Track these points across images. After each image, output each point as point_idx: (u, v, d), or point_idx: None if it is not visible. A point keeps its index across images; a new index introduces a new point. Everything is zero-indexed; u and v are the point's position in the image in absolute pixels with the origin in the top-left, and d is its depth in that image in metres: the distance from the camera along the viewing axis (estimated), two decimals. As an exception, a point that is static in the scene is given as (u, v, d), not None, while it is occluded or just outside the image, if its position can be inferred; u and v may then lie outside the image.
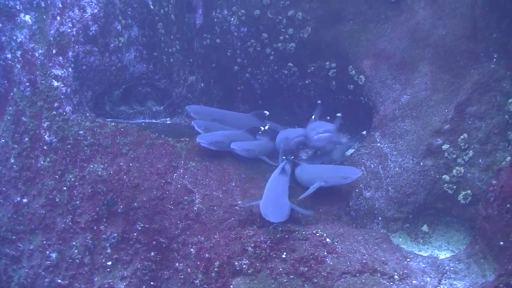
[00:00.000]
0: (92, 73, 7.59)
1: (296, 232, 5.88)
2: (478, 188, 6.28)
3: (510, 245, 5.00)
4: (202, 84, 8.87)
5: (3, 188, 7.18)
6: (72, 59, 7.27)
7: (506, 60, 6.42)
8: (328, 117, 7.94)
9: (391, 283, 5.47)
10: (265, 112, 7.95)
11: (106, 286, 6.45)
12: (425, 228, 6.61)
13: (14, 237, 7.01)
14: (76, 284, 6.56)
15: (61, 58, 7.21)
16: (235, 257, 5.77)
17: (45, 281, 6.69)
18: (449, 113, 6.55)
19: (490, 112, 6.45)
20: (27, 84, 7.22)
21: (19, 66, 7.27)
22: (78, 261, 6.60)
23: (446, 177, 6.46)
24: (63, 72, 7.21)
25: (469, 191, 6.38)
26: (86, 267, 6.58)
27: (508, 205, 5.22)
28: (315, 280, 5.47)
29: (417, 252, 6.28)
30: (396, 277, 5.54)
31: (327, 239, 5.78)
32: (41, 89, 7.17)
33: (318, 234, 5.84)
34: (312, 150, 8.05)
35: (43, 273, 6.72)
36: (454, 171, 6.43)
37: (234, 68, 8.84)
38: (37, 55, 7.23)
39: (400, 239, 6.55)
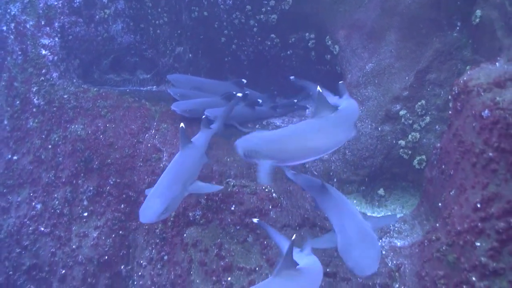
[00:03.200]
0: (78, 42, 8.81)
1: (247, 187, 6.82)
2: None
3: (442, 205, 5.77)
4: (190, 55, 9.88)
5: (-3, 147, 8.50)
6: (59, 30, 8.53)
7: (469, 29, 7.08)
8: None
9: (327, 237, 6.35)
10: (243, 80, 8.85)
11: (82, 234, 7.62)
12: (381, 191, 7.41)
13: (4, 190, 8.32)
14: (56, 232, 7.77)
15: (48, 28, 8.47)
16: (190, 209, 6.79)
17: (30, 229, 7.95)
18: (409, 80, 7.29)
19: (450, 79, 7.13)
20: (19, 53, 8.51)
21: (13, 37, 8.59)
22: (58, 211, 7.81)
23: (402, 142, 7.23)
24: (50, 41, 8.46)
25: (423, 157, 7.12)
26: (66, 217, 7.78)
27: (443, 166, 6.02)
28: (258, 231, 6.42)
29: (368, 214, 7.11)
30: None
31: (274, 194, 6.70)
32: (31, 57, 8.44)
33: (266, 190, 6.76)
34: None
35: (28, 222, 7.99)
36: (410, 136, 7.19)
37: (221, 39, 9.80)
38: (28, 26, 8.51)
39: (355, 201, 7.37)
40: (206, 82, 9.06)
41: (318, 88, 5.51)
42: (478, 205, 4.87)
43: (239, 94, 8.13)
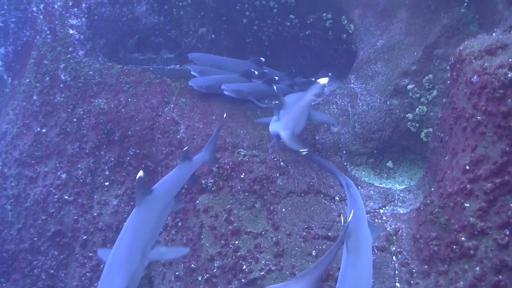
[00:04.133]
0: (104, 22, 9.41)
1: (257, 157, 7.24)
2: (439, 126, 7.28)
3: (438, 171, 6.07)
4: (212, 36, 10.33)
5: (27, 121, 9.16)
6: (85, 10, 9.14)
7: (477, 4, 7.33)
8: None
9: (331, 203, 6.74)
10: (261, 58, 9.25)
11: (103, 202, 8.19)
12: (389, 164, 7.72)
13: (33, 161, 8.97)
14: (79, 200, 8.36)
15: (76, 9, 9.07)
16: (202, 176, 7.24)
17: (55, 197, 8.57)
18: (417, 55, 7.57)
19: (458, 54, 7.37)
20: (48, 32, 9.15)
21: (42, 17, 9.24)
22: (82, 181, 8.40)
23: (409, 115, 7.52)
24: (77, 21, 9.08)
25: (431, 129, 7.39)
26: (88, 186, 8.36)
27: (441, 134, 6.31)
28: (265, 197, 6.83)
29: (376, 184, 7.43)
30: (337, 198, 6.80)
31: (282, 163, 7.09)
32: (60, 36, 9.07)
33: (275, 159, 7.16)
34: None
35: (53, 190, 8.61)
36: (417, 109, 7.47)
37: (243, 21, 10.22)
38: (56, 7, 9.16)
39: (363, 173, 7.70)
40: (226, 60, 9.50)
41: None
42: (467, 167, 5.16)
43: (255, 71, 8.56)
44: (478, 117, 5.11)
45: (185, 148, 6.54)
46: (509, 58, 4.97)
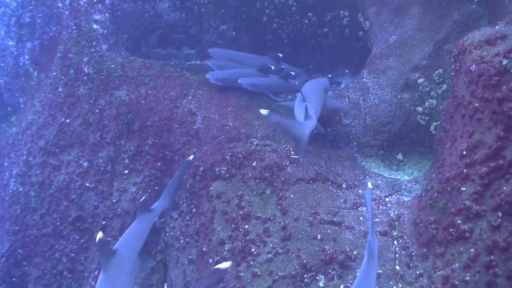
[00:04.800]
0: (127, 18, 9.95)
1: (268, 146, 7.62)
2: (448, 119, 7.55)
3: (440, 160, 6.35)
4: (233, 33, 10.77)
5: (52, 112, 9.73)
6: (109, 6, 9.66)
7: (487, 0, 7.60)
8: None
9: (338, 190, 7.07)
10: (279, 54, 9.66)
11: (122, 189, 8.67)
12: (399, 156, 8.00)
13: (57, 150, 9.53)
14: (100, 187, 8.87)
15: (100, 5, 9.62)
16: (216, 164, 7.65)
17: (77, 184, 9.10)
18: (428, 50, 7.87)
19: (468, 49, 7.65)
20: (74, 27, 9.73)
21: (67, 13, 9.82)
22: (102, 169, 8.91)
23: (419, 108, 7.80)
24: (101, 16, 9.63)
25: (439, 123, 7.66)
26: (108, 174, 8.86)
27: (446, 124, 6.60)
28: (275, 184, 7.19)
29: (384, 175, 7.73)
30: (344, 186, 7.13)
31: (292, 152, 7.45)
32: (84, 31, 9.64)
33: (286, 149, 7.53)
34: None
35: (75, 178, 9.15)
36: (427, 103, 7.76)
37: (263, 18, 10.63)
38: (81, 3, 9.75)
39: (373, 164, 8.00)
40: (244, 56, 9.91)
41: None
42: (464, 153, 5.45)
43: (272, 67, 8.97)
44: (475, 104, 5.40)
45: (142, 199, 6.76)
46: (506, 47, 5.24)
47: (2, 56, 11.90)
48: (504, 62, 5.08)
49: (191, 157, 7.48)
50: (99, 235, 5.16)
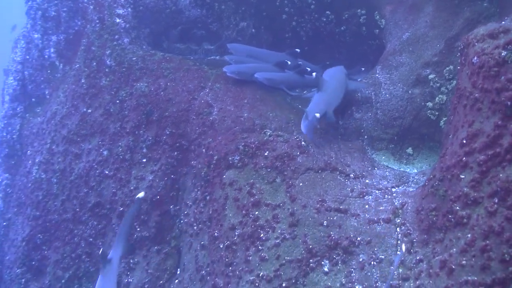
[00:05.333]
0: (148, 13, 10.45)
1: (281, 137, 7.99)
2: (458, 115, 7.81)
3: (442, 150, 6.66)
4: (253, 30, 11.17)
5: (75, 102, 10.26)
6: (131, 1, 10.17)
7: (498, -2, 7.90)
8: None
9: (345, 180, 7.42)
10: (297, 50, 10.05)
11: (139, 177, 9.13)
12: (409, 150, 8.30)
13: (78, 139, 10.05)
14: (118, 175, 9.35)
15: (123, 0, 10.10)
16: (230, 154, 8.05)
17: (96, 172, 9.59)
18: (440, 47, 8.16)
19: (478, 46, 7.93)
20: (97, 21, 10.26)
21: (92, 7, 10.36)
22: (121, 157, 9.39)
23: (429, 104, 8.10)
24: (124, 11, 10.15)
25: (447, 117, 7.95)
26: (127, 162, 9.33)
27: (451, 117, 6.90)
28: (285, 173, 7.56)
29: (394, 168, 8.04)
30: (351, 175, 7.47)
31: (303, 143, 7.82)
32: (107, 25, 10.17)
33: (297, 139, 7.90)
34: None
35: (95, 166, 9.65)
36: (437, 98, 8.04)
37: (282, 16, 11.02)
38: (105, -3, 10.26)
39: (383, 157, 8.30)
40: (262, 51, 10.32)
41: None
42: (464, 141, 5.75)
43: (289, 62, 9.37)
44: (476, 95, 5.70)
45: (101, 251, 7.06)
46: (505, 40, 5.54)
47: (28, 49, 12.51)
48: (503, 54, 5.38)
49: (141, 194, 7.80)
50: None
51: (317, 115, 7.73)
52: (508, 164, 5.27)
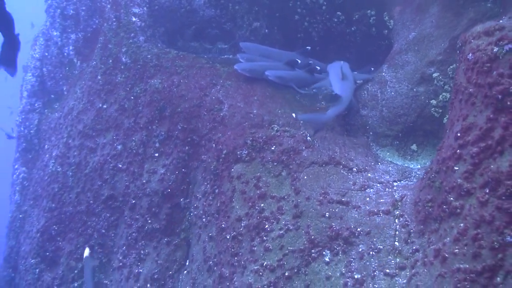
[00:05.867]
0: (163, 12, 10.93)
1: (287, 132, 8.38)
2: (461, 112, 8.13)
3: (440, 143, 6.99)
4: (266, 30, 11.60)
5: (91, 98, 10.77)
6: (147, 0, 10.63)
7: (502, -1, 8.20)
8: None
9: (348, 173, 7.77)
10: (307, 47, 10.44)
11: (151, 171, 9.58)
12: (414, 147, 8.62)
13: (93, 133, 10.54)
14: (131, 169, 9.82)
15: (139, -1, 10.65)
16: (238, 148, 8.46)
17: (110, 165, 10.07)
18: (444, 46, 8.49)
19: (481, 46, 8.24)
20: (114, 20, 10.75)
21: (109, 6, 10.86)
22: (134, 151, 9.86)
23: (433, 101, 8.42)
24: (139, 10, 10.64)
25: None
26: (140, 156, 9.80)
27: (450, 112, 7.23)
28: (291, 167, 7.95)
29: (398, 163, 8.37)
30: (354, 169, 7.83)
31: (308, 138, 8.20)
32: (123, 23, 10.65)
33: (303, 134, 8.28)
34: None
35: (109, 159, 10.13)
36: (441, 96, 8.37)
37: (295, 17, 11.42)
38: (122, -3, 10.76)
39: (388, 153, 8.64)
40: (273, 50, 10.73)
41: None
42: (458, 134, 6.08)
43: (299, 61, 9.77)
44: (470, 89, 6.03)
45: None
46: (498, 36, 5.87)
47: (46, 46, 13.10)
48: (495, 50, 5.70)
49: (86, 252, 8.46)
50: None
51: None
52: (499, 155, 5.58)
